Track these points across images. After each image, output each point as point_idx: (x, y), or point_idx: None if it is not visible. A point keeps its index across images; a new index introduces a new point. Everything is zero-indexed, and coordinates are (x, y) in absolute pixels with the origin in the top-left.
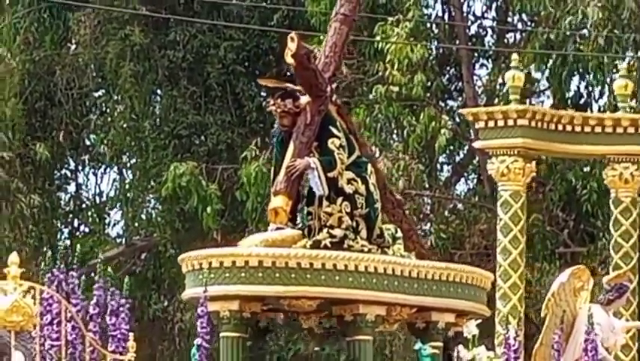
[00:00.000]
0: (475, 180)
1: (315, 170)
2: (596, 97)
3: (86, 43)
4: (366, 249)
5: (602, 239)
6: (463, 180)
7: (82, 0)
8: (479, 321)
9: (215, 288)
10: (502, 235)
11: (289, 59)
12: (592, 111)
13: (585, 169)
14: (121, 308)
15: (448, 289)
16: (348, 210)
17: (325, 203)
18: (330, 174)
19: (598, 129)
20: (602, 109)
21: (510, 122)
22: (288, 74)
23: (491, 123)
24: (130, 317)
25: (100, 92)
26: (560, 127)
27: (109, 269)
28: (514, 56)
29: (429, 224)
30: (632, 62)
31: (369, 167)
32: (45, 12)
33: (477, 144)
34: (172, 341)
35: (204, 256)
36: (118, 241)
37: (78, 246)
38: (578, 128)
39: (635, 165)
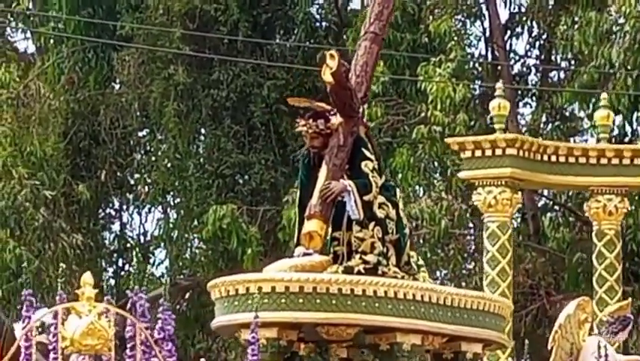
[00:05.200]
0: (520, 219)
1: (351, 193)
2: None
3: (130, 83)
4: (399, 276)
5: None
6: None
7: (126, 40)
8: None
9: (251, 315)
10: (489, 268)
11: (327, 77)
12: None
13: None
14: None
15: (478, 318)
16: (380, 235)
17: (357, 228)
18: (365, 198)
19: (582, 160)
20: None
21: (498, 152)
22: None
23: (478, 153)
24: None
25: (144, 132)
26: (545, 157)
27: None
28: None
29: (473, 263)
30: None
31: (398, 191)
32: (89, 52)
33: (462, 175)
34: None
35: (240, 281)
36: (162, 280)
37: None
38: (562, 159)
39: (619, 196)
